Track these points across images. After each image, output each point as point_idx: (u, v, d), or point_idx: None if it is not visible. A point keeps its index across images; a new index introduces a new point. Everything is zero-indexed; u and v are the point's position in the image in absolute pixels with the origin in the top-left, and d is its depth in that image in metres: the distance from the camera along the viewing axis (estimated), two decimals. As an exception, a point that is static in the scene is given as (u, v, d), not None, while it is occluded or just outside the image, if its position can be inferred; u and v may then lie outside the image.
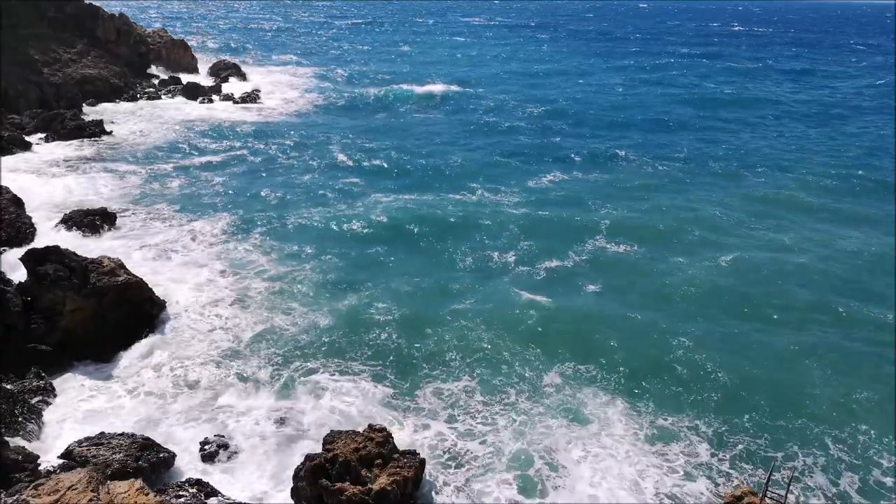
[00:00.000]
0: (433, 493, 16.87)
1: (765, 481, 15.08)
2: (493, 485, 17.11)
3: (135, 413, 19.23)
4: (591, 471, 17.56)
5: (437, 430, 19.03)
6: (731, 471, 17.90)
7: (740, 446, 18.79)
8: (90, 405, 19.51)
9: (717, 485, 17.39)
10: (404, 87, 72.99)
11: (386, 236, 32.60)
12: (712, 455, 18.42)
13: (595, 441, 18.61)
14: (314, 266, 28.89)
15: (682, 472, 17.71)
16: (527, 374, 21.73)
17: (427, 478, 17.06)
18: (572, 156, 47.67)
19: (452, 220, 34.90)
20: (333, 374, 21.40)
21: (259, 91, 67.94)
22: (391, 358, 22.46)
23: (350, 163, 45.57)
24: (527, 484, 17.20)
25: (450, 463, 17.85)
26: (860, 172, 44.12)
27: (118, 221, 32.10)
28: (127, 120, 54.17)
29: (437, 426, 19.21)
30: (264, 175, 42.16)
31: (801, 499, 17.04)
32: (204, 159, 44.64)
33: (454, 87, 73.98)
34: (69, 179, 38.31)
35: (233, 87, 70.28)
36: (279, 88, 72.31)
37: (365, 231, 33.05)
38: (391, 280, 28.00)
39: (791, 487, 15.64)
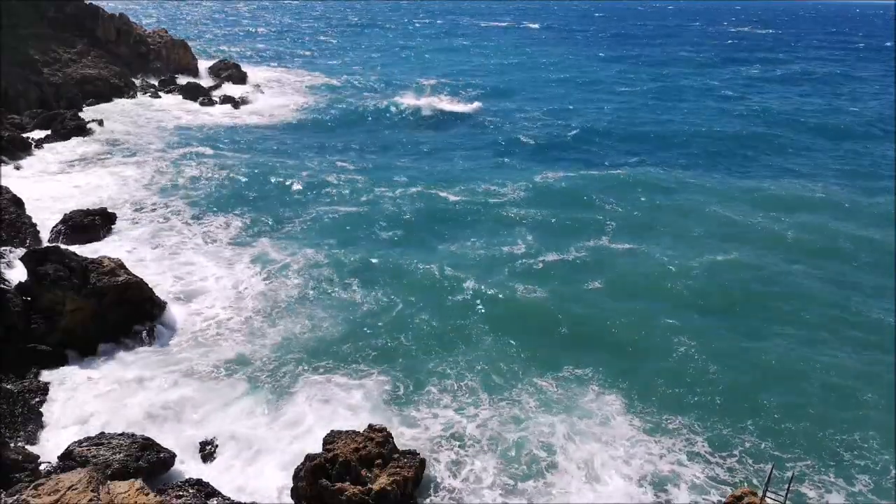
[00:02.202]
0: (433, 493, 16.88)
1: (765, 481, 15.08)
2: (495, 483, 17.12)
3: (135, 413, 19.21)
4: (592, 469, 17.56)
5: (439, 429, 19.03)
6: (730, 471, 17.90)
7: (740, 446, 18.79)
8: (90, 405, 19.50)
9: (717, 485, 17.39)
10: (406, 87, 72.88)
11: (390, 234, 32.66)
12: (712, 455, 18.42)
13: (596, 440, 18.62)
14: (318, 265, 28.87)
15: (681, 472, 17.71)
16: (529, 371, 21.79)
17: (427, 477, 17.07)
18: (577, 158, 47.63)
19: (457, 218, 34.93)
20: (335, 374, 21.40)
21: (260, 91, 67.93)
22: (394, 357, 22.48)
23: (353, 162, 45.59)
24: (528, 482, 17.21)
25: (451, 462, 17.84)
26: (869, 185, 43.22)
27: (118, 221, 32.09)
28: (127, 120, 54.14)
29: (438, 424, 19.21)
30: (266, 175, 42.09)
31: (801, 499, 17.03)
32: (204, 159, 44.58)
33: (459, 89, 73.82)
34: (69, 179, 38.31)
35: (233, 87, 70.24)
36: (280, 89, 72.30)
37: (369, 229, 33.06)
38: (395, 278, 28.00)
39: (791, 488, 15.63)
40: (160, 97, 64.02)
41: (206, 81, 71.21)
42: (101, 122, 49.47)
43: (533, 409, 19.92)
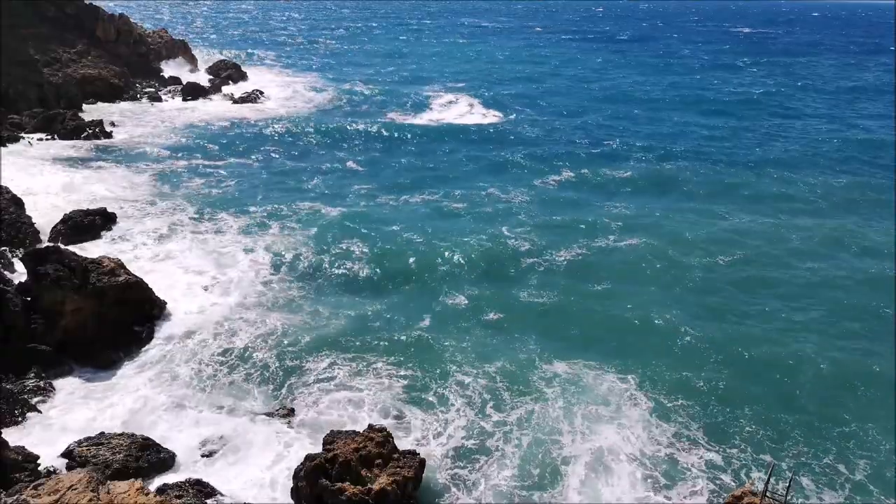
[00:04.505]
0: (433, 492, 16.87)
1: (765, 481, 15.08)
2: (496, 483, 17.11)
3: (135, 413, 19.21)
4: (591, 470, 17.55)
5: (440, 429, 19.03)
6: (731, 471, 17.90)
7: (741, 446, 18.79)
8: (90, 405, 19.50)
9: (717, 485, 17.39)
10: (407, 88, 72.74)
11: (394, 234, 32.62)
12: (712, 455, 18.40)
13: (597, 441, 18.59)
14: (320, 265, 28.86)
15: (682, 472, 17.70)
16: (532, 369, 21.82)
17: (427, 477, 17.05)
18: (581, 157, 47.52)
19: (461, 220, 34.99)
20: (335, 374, 21.37)
21: (260, 91, 67.87)
22: (396, 357, 22.45)
23: (355, 163, 45.54)
24: (530, 482, 17.21)
25: (451, 462, 17.83)
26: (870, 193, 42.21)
27: (118, 221, 32.09)
28: (127, 120, 54.17)
29: (439, 424, 19.20)
30: (266, 175, 42.16)
31: (801, 499, 17.03)
32: (204, 159, 44.63)
33: (462, 90, 73.53)
34: (69, 180, 38.20)
35: (233, 87, 70.27)
36: (280, 89, 72.27)
37: (373, 230, 33.03)
38: (401, 277, 28.03)
39: (791, 487, 15.63)
40: (160, 97, 64.03)
41: (205, 81, 71.21)
42: (100, 123, 49.45)
43: (536, 406, 19.92)
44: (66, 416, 18.94)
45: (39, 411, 18.89)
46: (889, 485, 17.52)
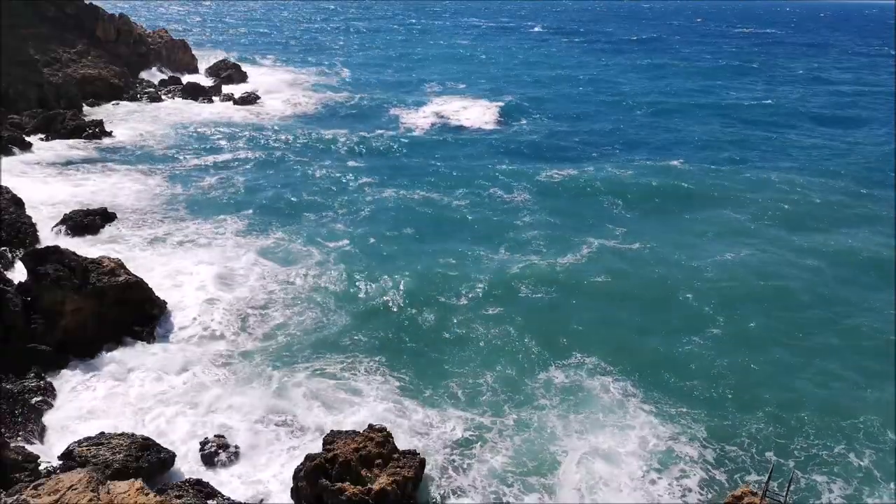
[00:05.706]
0: (433, 493, 16.87)
1: (765, 481, 15.08)
2: (496, 484, 17.10)
3: (135, 413, 19.22)
4: (592, 471, 17.54)
5: (440, 427, 19.04)
6: (731, 470, 17.90)
7: (741, 446, 18.80)
8: (90, 405, 19.49)
9: (717, 485, 17.39)
10: (409, 88, 72.55)
11: (395, 234, 32.64)
12: (712, 454, 18.42)
13: (598, 441, 18.58)
14: (323, 264, 28.86)
15: (681, 472, 17.70)
16: (534, 369, 21.87)
17: (427, 477, 17.06)
18: (584, 160, 47.50)
19: (462, 218, 34.99)
20: (336, 374, 21.38)
21: (260, 91, 67.82)
22: (396, 357, 22.47)
23: (357, 163, 45.53)
24: (530, 482, 17.20)
25: (451, 462, 17.83)
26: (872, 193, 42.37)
27: (118, 221, 32.09)
28: (127, 120, 54.17)
29: (439, 423, 19.22)
30: (266, 175, 42.12)
31: (801, 499, 17.03)
32: (204, 160, 44.63)
33: (464, 90, 73.28)
34: (69, 180, 38.29)
35: (233, 87, 70.14)
36: (280, 89, 72.16)
37: (374, 229, 33.06)
38: (401, 278, 27.98)
39: (791, 487, 15.63)
40: (160, 97, 64.00)
41: (206, 81, 71.21)
42: (100, 123, 49.45)
43: (537, 408, 19.93)
44: (66, 416, 18.93)
45: (40, 411, 18.88)
46: (887, 485, 17.51)
